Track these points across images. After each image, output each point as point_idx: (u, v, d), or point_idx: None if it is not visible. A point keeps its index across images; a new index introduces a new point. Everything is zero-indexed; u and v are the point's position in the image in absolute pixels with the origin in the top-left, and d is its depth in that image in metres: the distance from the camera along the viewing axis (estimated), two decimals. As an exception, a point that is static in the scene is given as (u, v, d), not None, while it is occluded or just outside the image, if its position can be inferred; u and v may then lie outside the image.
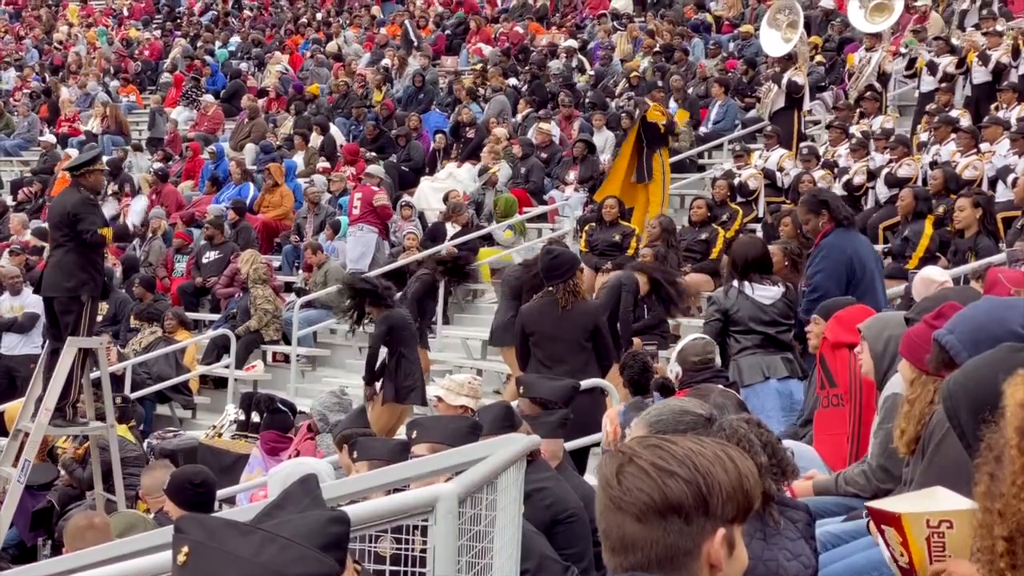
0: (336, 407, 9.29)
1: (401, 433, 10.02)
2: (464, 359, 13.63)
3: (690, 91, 19.28)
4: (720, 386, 6.40)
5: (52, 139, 23.51)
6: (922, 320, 3.98)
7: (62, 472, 10.86)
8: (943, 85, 15.60)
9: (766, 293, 8.04)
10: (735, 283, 8.09)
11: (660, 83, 19.41)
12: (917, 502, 2.75)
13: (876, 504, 2.81)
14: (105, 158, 14.04)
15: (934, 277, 7.26)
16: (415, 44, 24.80)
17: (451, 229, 15.74)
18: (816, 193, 8.61)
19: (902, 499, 2.85)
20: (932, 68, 15.91)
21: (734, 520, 2.03)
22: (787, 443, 4.74)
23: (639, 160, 14.24)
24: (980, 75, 15.67)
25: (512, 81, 21.51)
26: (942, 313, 3.59)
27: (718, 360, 7.08)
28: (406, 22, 26.00)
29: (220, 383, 14.71)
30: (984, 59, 15.49)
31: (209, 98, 24.08)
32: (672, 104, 18.21)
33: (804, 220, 8.30)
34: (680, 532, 2.00)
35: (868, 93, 16.17)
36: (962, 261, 10.50)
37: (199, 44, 28.19)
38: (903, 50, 16.77)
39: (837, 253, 7.95)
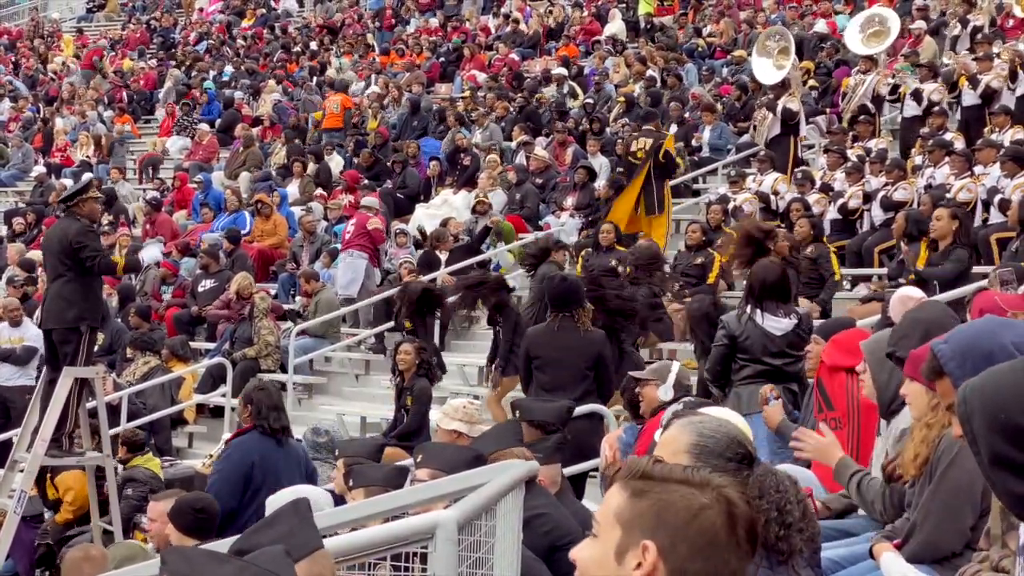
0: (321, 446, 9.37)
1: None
2: (461, 386, 13.59)
3: (686, 115, 19.31)
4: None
5: (43, 169, 23.51)
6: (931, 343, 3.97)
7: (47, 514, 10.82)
8: (935, 110, 15.60)
9: (777, 324, 7.78)
10: (748, 309, 7.94)
11: (654, 109, 19.42)
12: None
13: None
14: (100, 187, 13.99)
15: (911, 296, 7.24)
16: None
17: (443, 256, 15.73)
18: (249, 389, 7.95)
19: None
20: (917, 96, 15.92)
21: None
22: (785, 466, 4.73)
23: (649, 192, 14.31)
24: (969, 98, 15.70)
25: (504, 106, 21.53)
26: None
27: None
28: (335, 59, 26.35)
29: (217, 412, 14.67)
30: (974, 83, 15.52)
31: (204, 127, 24.12)
32: (673, 127, 18.27)
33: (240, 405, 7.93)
34: None
35: (862, 116, 16.18)
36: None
37: (194, 74, 28.24)
38: (892, 79, 16.77)
39: (239, 456, 7.54)
